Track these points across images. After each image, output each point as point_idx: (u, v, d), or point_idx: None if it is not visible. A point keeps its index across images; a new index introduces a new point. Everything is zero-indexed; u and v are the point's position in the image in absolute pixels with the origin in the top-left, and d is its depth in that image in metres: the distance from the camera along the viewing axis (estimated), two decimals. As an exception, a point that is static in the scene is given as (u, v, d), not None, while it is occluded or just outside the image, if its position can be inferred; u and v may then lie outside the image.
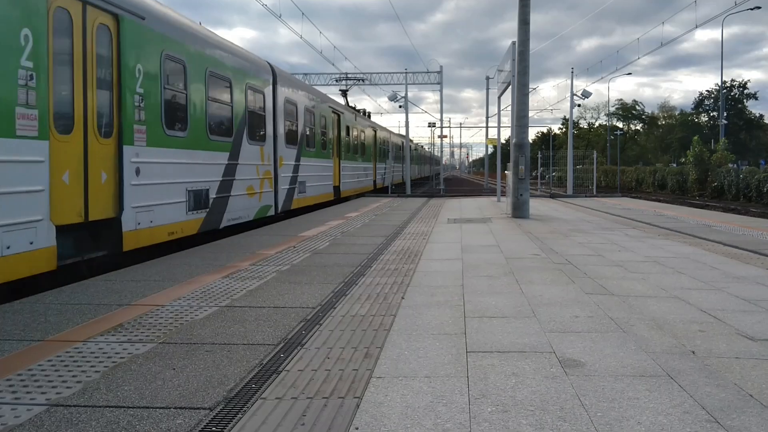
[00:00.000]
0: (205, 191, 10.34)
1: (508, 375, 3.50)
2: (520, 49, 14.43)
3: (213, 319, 4.73)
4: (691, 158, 41.05)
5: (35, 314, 4.88)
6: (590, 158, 36.67)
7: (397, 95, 30.18)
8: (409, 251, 8.51)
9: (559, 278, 6.45)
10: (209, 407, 3.04)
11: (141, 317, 4.78)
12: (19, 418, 2.90)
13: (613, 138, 73.30)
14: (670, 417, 2.91)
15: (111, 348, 3.99)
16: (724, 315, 4.88)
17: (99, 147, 7.52)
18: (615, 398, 3.14)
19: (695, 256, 8.07)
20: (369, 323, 4.63)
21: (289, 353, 3.90)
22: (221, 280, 6.31)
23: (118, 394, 3.19)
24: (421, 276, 6.60)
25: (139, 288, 5.91)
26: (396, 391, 3.24)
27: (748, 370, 3.59)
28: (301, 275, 6.63)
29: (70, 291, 5.80)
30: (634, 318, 4.77)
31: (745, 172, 36.21)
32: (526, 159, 14.25)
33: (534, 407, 3.03)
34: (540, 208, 17.52)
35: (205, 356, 3.83)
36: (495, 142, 25.24)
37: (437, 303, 5.31)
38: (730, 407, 3.03)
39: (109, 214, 7.70)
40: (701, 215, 15.30)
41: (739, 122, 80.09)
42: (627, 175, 53.66)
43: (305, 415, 2.95)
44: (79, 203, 7.11)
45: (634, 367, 3.63)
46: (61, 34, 6.86)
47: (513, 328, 4.50)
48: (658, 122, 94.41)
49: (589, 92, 30.77)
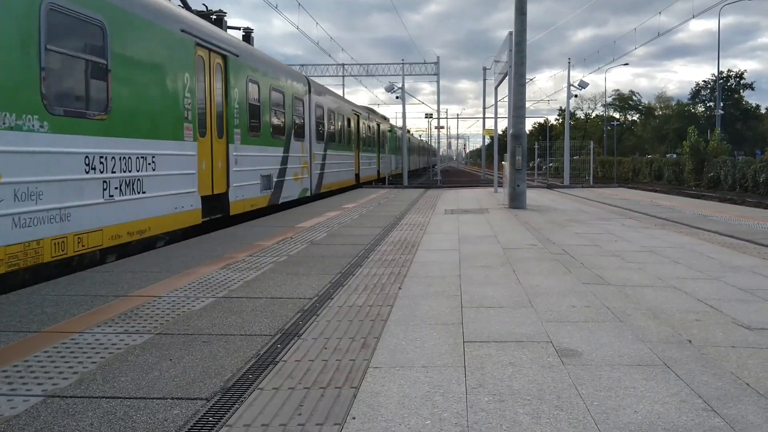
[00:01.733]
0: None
1: (505, 365, 3.50)
2: (516, 40, 14.37)
3: (210, 310, 4.72)
4: (687, 149, 41.07)
5: (32, 305, 4.86)
6: (587, 149, 36.61)
7: (394, 86, 30.04)
8: (406, 242, 8.51)
9: (556, 268, 6.46)
10: (206, 398, 3.03)
11: (138, 308, 4.77)
12: (15, 409, 2.89)
13: (609, 129, 73.24)
14: (667, 406, 2.92)
15: (108, 339, 3.99)
16: (721, 304, 4.89)
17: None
18: (612, 387, 3.15)
19: (691, 245, 8.08)
20: (366, 314, 4.63)
21: (286, 344, 3.90)
22: (218, 271, 6.30)
23: (114, 385, 3.19)
24: (418, 267, 6.60)
25: (136, 279, 5.90)
26: (393, 381, 3.24)
27: (744, 359, 3.60)
28: (298, 266, 6.62)
29: (66, 282, 5.78)
30: (631, 308, 4.78)
31: (741, 163, 36.25)
32: (523, 150, 14.23)
33: (531, 396, 3.03)
34: (537, 198, 17.52)
35: (202, 347, 3.83)
36: (492, 133, 25.19)
37: (434, 293, 5.31)
38: (726, 396, 3.04)
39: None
40: (697, 205, 15.33)
41: (735, 112, 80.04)
42: (624, 166, 53.67)
43: (302, 405, 2.95)
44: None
45: (631, 356, 3.64)
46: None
47: (510, 318, 4.50)
48: (655, 113, 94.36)
49: (586, 83, 30.72)
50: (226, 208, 11.16)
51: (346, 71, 39.42)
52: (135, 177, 7.98)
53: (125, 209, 7.78)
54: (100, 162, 7.27)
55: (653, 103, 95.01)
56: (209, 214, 10.44)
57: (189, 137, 9.58)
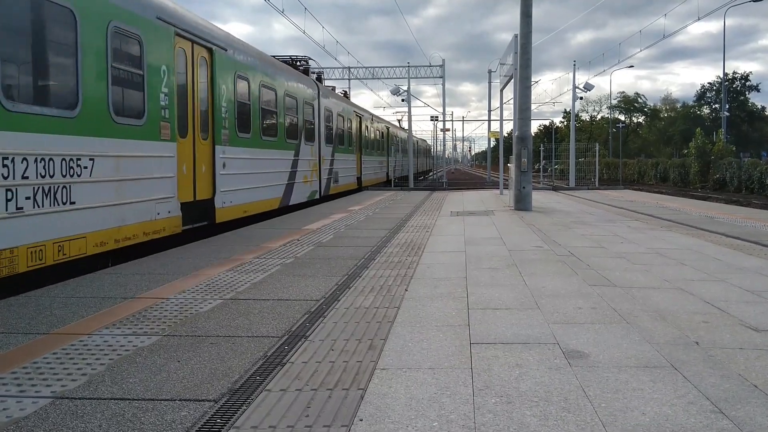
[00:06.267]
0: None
1: (512, 366, 3.50)
2: (522, 42, 14.37)
3: (217, 312, 4.74)
4: (693, 150, 40.95)
5: (40, 307, 4.89)
6: (592, 151, 36.58)
7: (400, 89, 30.10)
8: (412, 244, 8.52)
9: (562, 270, 6.45)
10: (214, 399, 3.05)
11: (146, 310, 4.79)
12: (24, 411, 2.91)
13: (615, 131, 73.10)
14: (675, 407, 2.92)
15: (116, 341, 4.00)
16: (728, 306, 4.87)
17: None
18: (619, 389, 3.15)
19: (697, 247, 8.06)
20: (373, 315, 4.64)
21: (294, 345, 3.91)
22: (225, 273, 6.32)
23: (123, 387, 3.20)
24: (425, 268, 6.61)
25: (144, 281, 5.93)
26: (400, 383, 3.25)
27: (752, 360, 3.59)
28: (305, 268, 6.63)
29: (75, 284, 5.81)
30: (638, 309, 4.78)
31: (747, 164, 36.11)
32: (529, 152, 14.23)
33: (538, 398, 3.03)
34: (542, 200, 17.50)
35: (209, 348, 3.84)
36: (497, 135, 25.17)
37: (441, 295, 5.31)
38: (734, 398, 3.03)
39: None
40: (703, 207, 15.28)
41: (741, 114, 79.83)
42: (629, 168, 53.55)
43: (309, 406, 2.95)
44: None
45: (638, 358, 3.64)
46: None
47: (516, 319, 4.50)
48: (660, 115, 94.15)
49: (591, 85, 30.64)
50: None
51: (352, 74, 39.48)
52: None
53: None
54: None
55: (658, 105, 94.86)
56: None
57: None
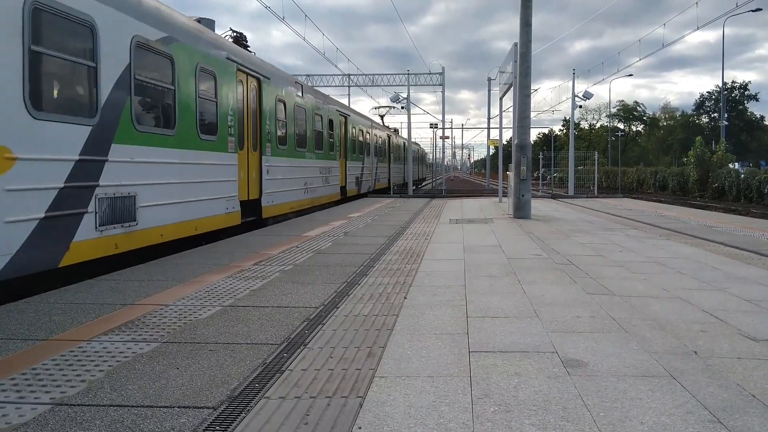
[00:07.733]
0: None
1: (511, 375, 3.50)
2: (522, 51, 14.42)
3: (216, 319, 4.74)
4: (692, 159, 41.02)
5: (39, 313, 4.89)
6: (591, 159, 36.60)
7: (399, 96, 30.20)
8: (411, 251, 8.53)
9: (561, 278, 6.46)
10: (213, 406, 3.05)
11: (145, 317, 4.79)
12: (23, 417, 2.91)
13: (614, 139, 73.23)
14: (673, 417, 2.92)
15: (115, 347, 4.01)
16: (726, 315, 4.88)
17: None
18: (617, 398, 3.15)
19: (696, 256, 8.07)
20: (372, 323, 4.64)
21: (293, 353, 3.91)
22: (225, 280, 6.32)
23: (122, 393, 3.21)
24: (424, 276, 6.61)
25: (143, 287, 5.93)
26: (399, 391, 3.25)
27: (750, 370, 3.59)
28: (304, 275, 6.64)
29: (74, 290, 5.81)
30: (636, 318, 4.78)
31: (746, 173, 36.17)
32: (528, 160, 14.25)
33: (537, 407, 3.04)
34: (541, 208, 17.52)
35: (208, 355, 3.84)
36: (497, 143, 25.22)
37: (440, 303, 5.32)
38: (732, 407, 3.04)
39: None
40: (702, 216, 15.30)
41: (739, 123, 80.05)
42: (628, 176, 53.59)
43: (308, 414, 2.96)
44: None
45: (637, 367, 3.64)
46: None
47: (515, 328, 4.51)
48: (659, 123, 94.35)
49: (590, 93, 30.69)
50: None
51: (352, 81, 39.63)
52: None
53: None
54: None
55: (657, 114, 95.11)
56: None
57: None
